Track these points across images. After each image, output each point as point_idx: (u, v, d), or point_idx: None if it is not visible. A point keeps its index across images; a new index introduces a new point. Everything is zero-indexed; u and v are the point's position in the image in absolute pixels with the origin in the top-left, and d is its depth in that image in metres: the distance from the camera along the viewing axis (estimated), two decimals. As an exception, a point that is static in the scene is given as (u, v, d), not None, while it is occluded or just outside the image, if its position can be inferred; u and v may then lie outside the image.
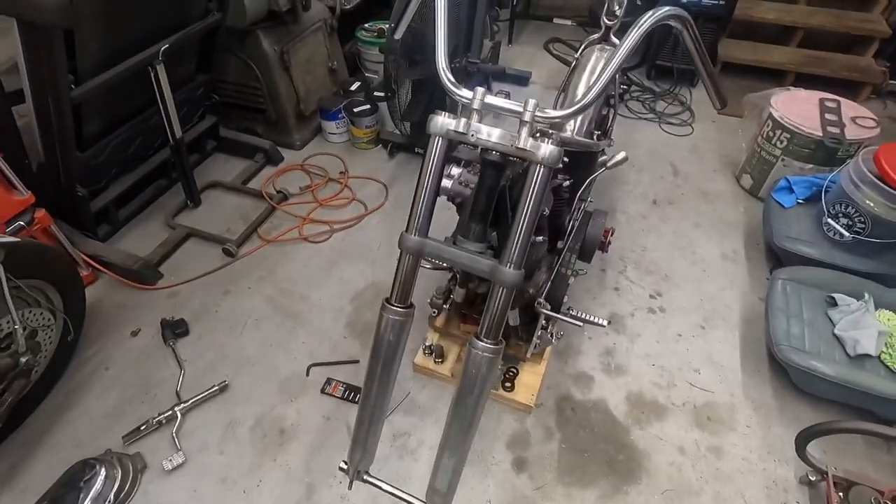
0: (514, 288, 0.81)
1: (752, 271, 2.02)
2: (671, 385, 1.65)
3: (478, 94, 0.79)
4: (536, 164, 0.76)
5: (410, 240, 0.84)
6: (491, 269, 0.81)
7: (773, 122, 2.13)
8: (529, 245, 1.16)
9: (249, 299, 1.88)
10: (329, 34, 2.62)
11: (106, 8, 1.38)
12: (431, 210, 0.84)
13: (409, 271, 0.86)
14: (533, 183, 0.76)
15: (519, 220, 0.78)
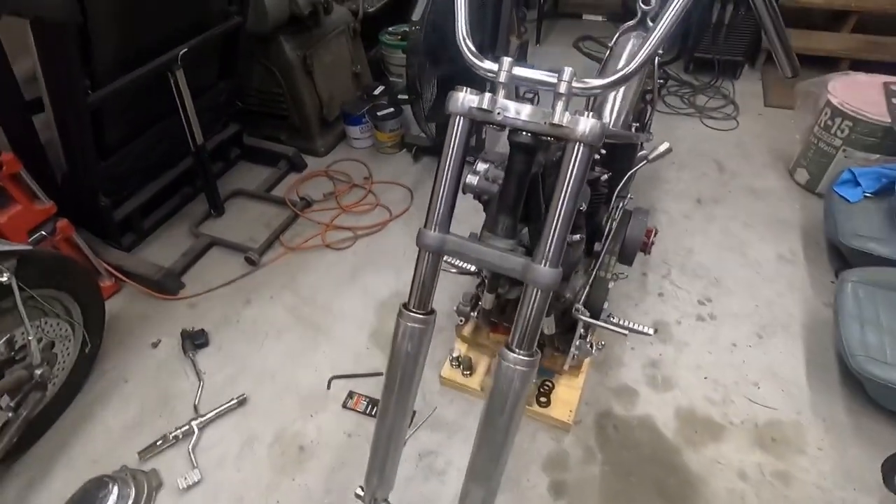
0: (550, 289, 0.69)
1: (813, 273, 1.83)
2: (727, 401, 1.48)
3: (504, 64, 0.69)
4: (575, 143, 0.64)
5: (430, 236, 0.74)
6: (523, 268, 0.70)
7: (833, 109, 1.94)
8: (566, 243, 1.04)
9: (271, 309, 1.82)
10: (352, 38, 2.57)
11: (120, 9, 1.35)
12: (453, 203, 0.73)
13: (428, 272, 0.76)
14: (572, 164, 0.65)
15: (555, 210, 0.66)
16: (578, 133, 0.64)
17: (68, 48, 1.23)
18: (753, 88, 2.84)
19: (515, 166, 0.74)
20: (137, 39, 1.51)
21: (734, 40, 2.76)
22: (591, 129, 0.63)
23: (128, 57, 1.50)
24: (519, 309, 0.71)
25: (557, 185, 0.66)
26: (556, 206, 0.66)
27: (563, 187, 0.66)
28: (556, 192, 0.66)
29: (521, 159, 0.74)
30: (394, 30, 2.80)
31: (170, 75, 1.68)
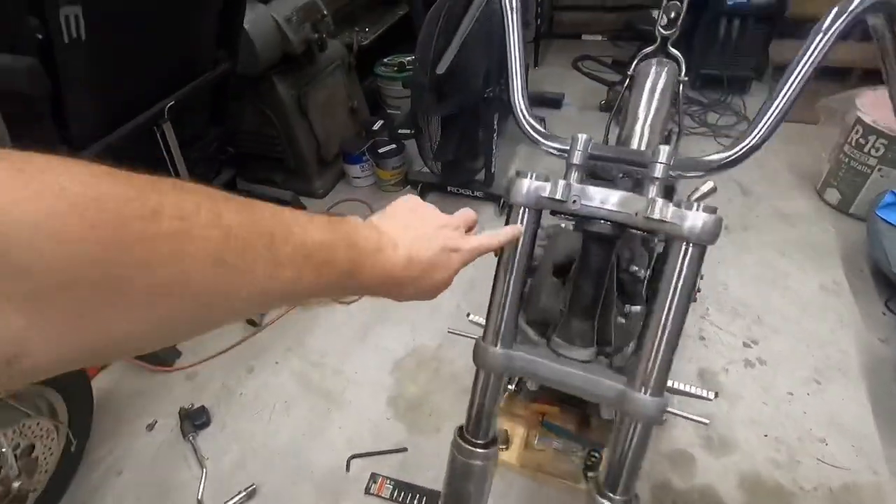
0: (654, 424, 0.54)
1: (862, 306, 1.69)
2: (793, 462, 1.33)
3: (579, 142, 0.55)
4: (682, 242, 0.50)
5: (491, 354, 0.59)
6: (619, 397, 0.55)
7: (864, 127, 1.83)
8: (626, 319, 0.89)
9: (277, 377, 1.65)
10: (347, 73, 2.45)
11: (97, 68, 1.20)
12: (518, 311, 0.59)
13: (491, 396, 0.61)
14: (679, 267, 0.50)
15: (659, 324, 0.52)
16: (687, 230, 0.49)
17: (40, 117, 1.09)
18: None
19: (592, 261, 0.60)
20: (118, 96, 1.36)
21: (742, 55, 2.67)
22: (704, 226, 0.49)
23: (109, 115, 1.36)
24: (613, 444, 0.56)
25: (660, 293, 0.52)
26: (660, 320, 0.52)
27: (669, 296, 0.51)
28: (661, 303, 0.52)
29: (599, 252, 0.60)
30: (389, 61, 2.68)
31: (156, 129, 1.53)
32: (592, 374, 0.58)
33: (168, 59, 1.48)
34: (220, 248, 0.29)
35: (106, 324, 0.25)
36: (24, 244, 0.21)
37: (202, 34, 1.54)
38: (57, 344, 0.24)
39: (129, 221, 0.24)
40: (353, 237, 0.40)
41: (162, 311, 0.27)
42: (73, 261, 0.23)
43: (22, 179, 0.22)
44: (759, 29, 2.60)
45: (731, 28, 2.57)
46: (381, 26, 2.65)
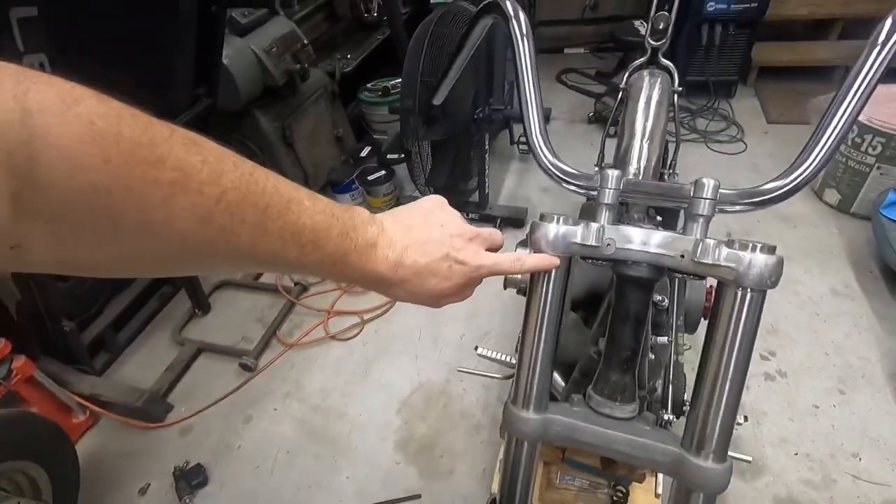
0: (718, 493, 0.47)
1: (876, 308, 1.65)
2: (828, 481, 1.26)
3: (610, 179, 0.49)
4: (738, 288, 0.44)
5: (525, 420, 0.52)
6: (676, 464, 0.48)
7: (860, 126, 1.81)
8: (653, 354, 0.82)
9: (276, 425, 1.56)
10: (331, 101, 2.40)
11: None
12: (550, 370, 0.52)
13: (526, 466, 0.54)
14: (738, 316, 0.44)
15: (717, 379, 0.45)
16: (746, 275, 0.43)
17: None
18: (752, 106, 2.74)
19: (631, 307, 0.53)
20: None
21: (725, 59, 2.67)
22: (765, 269, 0.43)
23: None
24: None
25: (714, 345, 0.46)
26: (719, 375, 0.46)
27: (727, 349, 0.45)
28: (717, 356, 0.46)
29: (638, 297, 0.53)
30: (373, 86, 2.64)
31: (135, 174, 1.46)
32: (641, 437, 0.51)
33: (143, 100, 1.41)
34: (209, 206, 0.30)
35: (95, 244, 0.28)
36: (49, 164, 0.24)
37: (179, 73, 1.48)
38: (53, 249, 0.27)
39: (136, 163, 0.27)
40: (349, 227, 0.40)
41: (146, 247, 0.30)
42: (83, 186, 0.26)
43: (59, 108, 0.25)
44: (740, 33, 2.60)
45: (713, 33, 2.57)
46: (362, 52, 2.61)
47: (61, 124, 0.24)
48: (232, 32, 1.83)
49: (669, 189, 0.49)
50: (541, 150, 0.53)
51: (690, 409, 0.49)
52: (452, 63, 0.73)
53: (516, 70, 0.54)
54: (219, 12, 1.47)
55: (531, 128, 0.54)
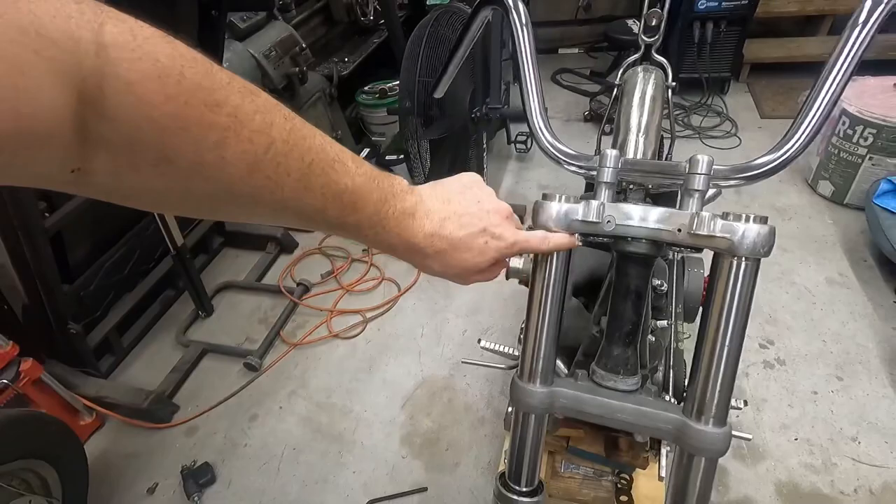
0: (719, 457, 0.49)
1: (872, 296, 1.68)
2: (829, 465, 1.28)
3: (608, 158, 0.51)
4: (733, 258, 0.46)
5: (531, 393, 0.54)
6: (678, 431, 0.50)
7: (851, 118, 1.84)
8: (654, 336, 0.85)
9: (282, 423, 1.57)
10: (330, 103, 2.43)
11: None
12: (556, 345, 0.54)
13: (533, 438, 0.56)
14: (733, 285, 0.47)
15: (716, 346, 0.48)
16: (741, 244, 0.45)
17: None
18: (745, 102, 2.78)
19: (631, 282, 0.56)
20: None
21: (718, 57, 2.71)
22: (758, 238, 0.45)
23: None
24: (674, 480, 0.52)
25: (712, 313, 0.48)
26: (717, 343, 0.48)
27: (724, 317, 0.47)
28: (715, 324, 0.48)
29: (638, 273, 0.55)
30: (370, 88, 2.67)
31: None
32: (644, 406, 0.53)
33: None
34: (258, 155, 0.32)
35: (149, 177, 0.29)
36: (117, 96, 0.26)
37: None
38: (109, 177, 0.28)
39: (195, 104, 0.28)
40: (388, 194, 0.41)
41: (196, 186, 0.31)
42: (144, 120, 0.27)
43: (131, 44, 0.26)
44: (731, 30, 2.64)
45: (705, 31, 2.61)
46: (359, 55, 2.64)
47: (131, 59, 0.25)
48: (231, 37, 1.85)
49: (666, 166, 0.51)
50: (541, 132, 0.55)
51: (690, 378, 0.51)
52: (453, 56, 0.75)
53: (516, 58, 0.57)
54: (219, 17, 1.49)
55: (532, 112, 0.56)
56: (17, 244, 1.20)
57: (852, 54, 0.46)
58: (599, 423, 0.54)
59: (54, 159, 0.26)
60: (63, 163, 0.27)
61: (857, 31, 0.45)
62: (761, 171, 0.49)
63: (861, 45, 0.45)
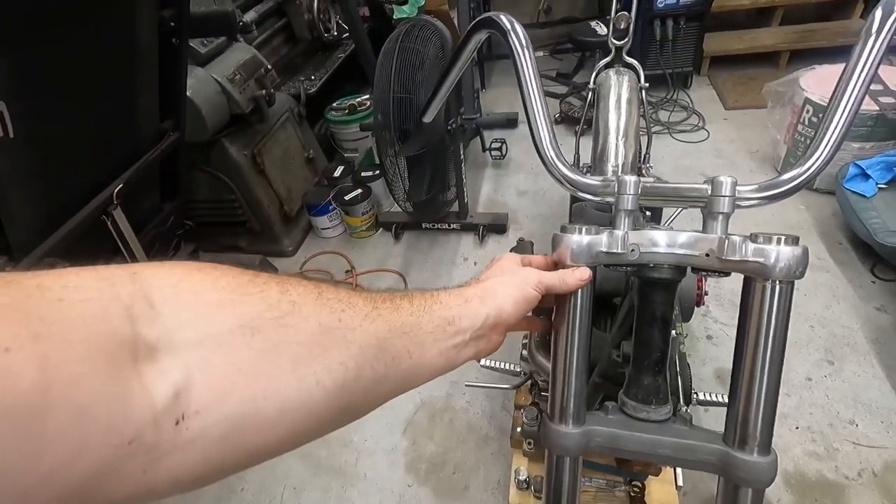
0: (767, 486, 0.48)
1: (851, 277, 1.72)
2: (831, 451, 1.30)
3: (628, 185, 0.49)
4: (766, 281, 0.45)
5: (565, 435, 0.51)
6: (721, 462, 0.48)
7: (814, 106, 1.90)
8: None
9: (280, 462, 1.50)
10: (299, 123, 2.37)
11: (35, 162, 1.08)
12: (586, 382, 0.52)
13: (570, 481, 0.53)
14: (769, 309, 0.45)
15: (759, 373, 0.46)
16: (775, 267, 0.44)
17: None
18: (709, 94, 2.84)
19: (657, 309, 0.54)
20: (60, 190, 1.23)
21: (679, 52, 2.77)
22: (793, 259, 0.44)
23: (51, 213, 1.22)
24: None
25: (748, 340, 0.46)
26: (757, 369, 0.46)
27: (762, 342, 0.46)
28: (752, 350, 0.46)
29: (663, 299, 0.53)
30: (338, 104, 2.61)
31: (105, 218, 1.39)
32: (682, 438, 0.51)
33: (110, 140, 1.36)
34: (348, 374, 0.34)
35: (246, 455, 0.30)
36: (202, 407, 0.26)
37: (143, 107, 1.43)
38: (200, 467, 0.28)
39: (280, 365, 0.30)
40: (409, 322, 0.40)
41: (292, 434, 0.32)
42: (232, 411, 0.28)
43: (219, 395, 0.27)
44: (690, 26, 2.71)
45: (666, 28, 2.66)
46: (324, 72, 2.59)
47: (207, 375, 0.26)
48: (192, 63, 1.78)
49: (686, 190, 0.49)
50: (554, 163, 0.52)
51: (730, 405, 0.50)
52: (444, 80, 0.72)
53: (520, 83, 0.54)
54: (180, 44, 1.42)
55: (542, 141, 0.53)
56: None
57: (868, 64, 0.45)
58: (638, 459, 0.52)
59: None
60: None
61: (871, 41, 0.45)
62: (786, 188, 0.48)
63: (876, 55, 0.45)
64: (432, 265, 2.10)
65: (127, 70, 1.29)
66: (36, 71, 1.00)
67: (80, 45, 1.09)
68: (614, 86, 1.61)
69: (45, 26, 0.98)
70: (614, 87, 1.61)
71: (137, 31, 1.25)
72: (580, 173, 0.52)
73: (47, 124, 1.09)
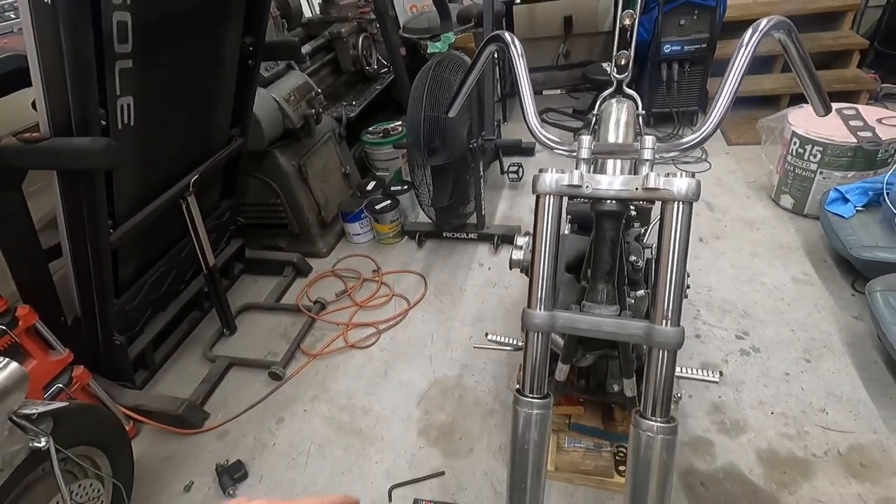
0: (677, 348, 0.68)
1: (832, 290, 1.88)
2: (802, 433, 1.44)
3: (584, 142, 0.72)
4: (674, 203, 0.67)
5: (537, 315, 0.73)
6: (646, 333, 0.69)
7: (800, 139, 2.11)
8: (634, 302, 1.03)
9: (307, 423, 1.70)
10: (339, 142, 2.68)
11: (142, 148, 1.37)
12: (554, 279, 0.74)
13: (541, 353, 0.74)
14: (675, 224, 0.67)
15: (669, 269, 0.67)
16: (677, 193, 0.66)
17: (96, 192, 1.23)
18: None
19: (607, 234, 0.76)
20: (155, 173, 1.52)
21: (685, 93, 3.03)
22: (689, 188, 0.66)
23: (146, 190, 1.51)
24: (647, 375, 0.70)
25: (663, 246, 0.68)
26: (668, 266, 0.67)
27: (671, 247, 0.67)
28: (665, 253, 0.67)
29: (611, 226, 0.76)
30: (374, 129, 2.94)
31: (182, 202, 1.68)
32: (623, 321, 0.72)
33: (194, 139, 1.67)
34: None
35: None
36: None
37: (219, 115, 1.74)
38: None
39: None
40: None
41: None
42: None
43: None
44: (694, 69, 2.98)
45: (672, 71, 2.94)
46: (363, 100, 2.93)
47: None
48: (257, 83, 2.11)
49: (624, 146, 0.73)
50: (536, 128, 0.77)
51: (652, 295, 0.70)
52: (464, 82, 0.98)
53: (516, 78, 0.79)
54: (254, 66, 1.75)
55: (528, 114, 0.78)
56: (84, 256, 1.38)
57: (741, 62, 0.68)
58: (590, 335, 0.73)
59: None
60: None
61: (742, 50, 0.68)
62: (688, 145, 0.71)
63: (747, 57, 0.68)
64: (450, 269, 2.32)
65: (213, 83, 1.61)
66: (154, 76, 1.31)
67: (185, 59, 1.41)
68: (614, 112, 1.87)
69: (166, 44, 1.30)
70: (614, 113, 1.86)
71: (225, 53, 1.57)
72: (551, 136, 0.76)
73: (154, 119, 1.39)
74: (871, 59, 3.16)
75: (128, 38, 1.13)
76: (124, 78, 1.17)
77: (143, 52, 1.20)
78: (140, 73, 1.22)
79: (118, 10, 1.07)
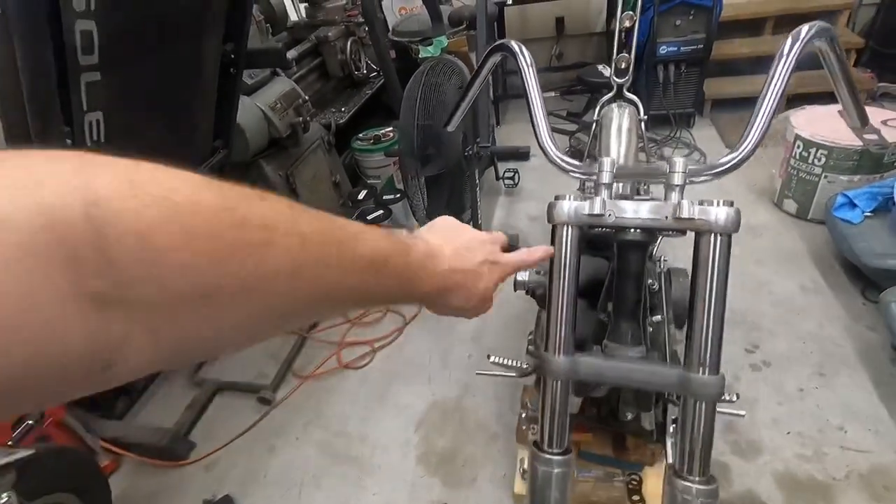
0: (716, 400, 0.60)
1: (842, 299, 1.82)
2: (820, 454, 1.38)
3: (606, 164, 0.64)
4: (710, 234, 0.59)
5: (557, 363, 0.64)
6: (680, 382, 0.61)
7: (804, 142, 2.06)
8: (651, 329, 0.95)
9: (300, 452, 1.61)
10: (328, 150, 2.58)
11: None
12: (574, 320, 0.65)
13: (560, 403, 0.66)
14: (713, 257, 0.59)
15: (705, 309, 0.59)
16: (715, 224, 0.58)
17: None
18: (710, 133, 3.02)
19: (630, 267, 0.68)
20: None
21: (682, 95, 2.97)
22: (728, 217, 0.58)
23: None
24: (681, 428, 0.62)
25: (698, 283, 0.60)
26: (705, 306, 0.60)
27: (707, 284, 0.59)
28: (702, 291, 0.60)
29: (636, 258, 0.68)
30: (364, 135, 2.84)
31: (161, 220, 1.57)
32: (652, 367, 0.64)
33: (175, 152, 1.56)
34: (297, 256, 0.29)
35: (194, 328, 0.26)
36: (129, 254, 0.21)
37: (201, 126, 1.64)
38: (150, 349, 0.24)
39: (221, 231, 0.25)
40: (406, 246, 0.42)
41: (243, 316, 0.28)
42: (172, 270, 0.23)
43: (131, 190, 0.22)
44: (691, 71, 2.92)
45: (668, 73, 2.88)
46: (353, 106, 2.83)
47: (134, 210, 0.22)
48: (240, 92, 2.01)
49: (650, 169, 0.65)
50: (550, 149, 0.68)
51: (687, 338, 0.62)
52: (465, 96, 0.89)
53: (525, 91, 0.70)
54: (237, 74, 1.65)
55: (541, 134, 0.69)
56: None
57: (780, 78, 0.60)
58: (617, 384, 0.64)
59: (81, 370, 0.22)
60: (91, 367, 0.22)
61: (781, 62, 0.60)
62: (725, 167, 0.63)
63: (787, 71, 0.60)
64: (447, 281, 2.24)
65: (193, 93, 1.51)
66: (127, 89, 1.20)
67: (159, 70, 1.30)
68: (616, 118, 1.79)
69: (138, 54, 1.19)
70: (616, 120, 1.79)
71: (204, 61, 1.47)
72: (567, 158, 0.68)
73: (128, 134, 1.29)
74: (866, 59, 3.13)
75: (94, 48, 1.03)
76: (92, 92, 1.07)
77: (113, 63, 1.10)
78: (110, 85, 1.12)
79: (82, 19, 0.98)
